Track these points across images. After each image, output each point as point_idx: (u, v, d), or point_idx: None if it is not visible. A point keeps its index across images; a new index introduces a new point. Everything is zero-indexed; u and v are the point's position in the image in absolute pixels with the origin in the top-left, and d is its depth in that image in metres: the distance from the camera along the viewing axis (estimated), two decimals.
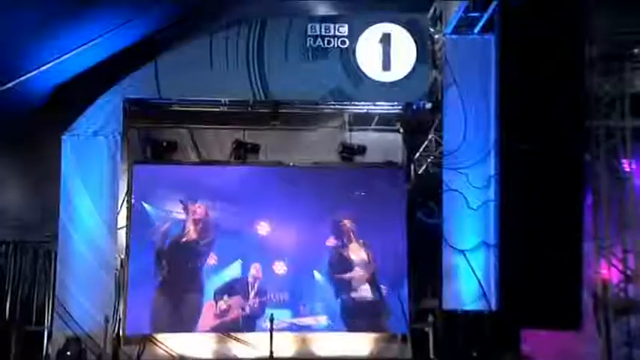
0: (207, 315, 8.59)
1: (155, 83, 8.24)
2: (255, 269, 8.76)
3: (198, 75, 8.34)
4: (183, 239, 8.73)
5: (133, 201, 8.60)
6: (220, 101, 8.81)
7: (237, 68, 8.35)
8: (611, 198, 8.25)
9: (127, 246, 8.52)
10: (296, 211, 9.17)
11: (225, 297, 8.66)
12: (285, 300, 8.90)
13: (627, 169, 8.41)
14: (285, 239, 9.07)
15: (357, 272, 9.05)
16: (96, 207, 8.10)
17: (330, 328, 9.04)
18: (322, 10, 9.18)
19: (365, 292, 9.16)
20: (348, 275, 9.02)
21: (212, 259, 8.72)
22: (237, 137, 9.06)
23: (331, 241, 9.21)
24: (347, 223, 9.14)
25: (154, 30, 7.97)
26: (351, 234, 9.15)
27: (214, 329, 8.73)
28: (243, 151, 8.98)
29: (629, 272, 8.12)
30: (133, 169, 8.62)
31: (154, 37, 8.07)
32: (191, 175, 9.04)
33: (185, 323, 8.71)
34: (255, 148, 9.04)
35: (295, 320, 8.84)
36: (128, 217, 8.55)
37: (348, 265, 9.06)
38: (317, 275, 8.93)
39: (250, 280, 8.79)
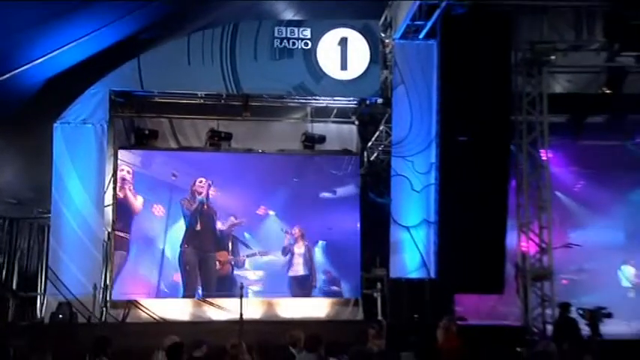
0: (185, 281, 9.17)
1: (138, 77, 8.72)
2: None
3: (176, 70, 8.83)
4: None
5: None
6: (197, 94, 9.31)
7: (212, 65, 8.86)
8: (530, 183, 8.88)
9: (114, 221, 8.90)
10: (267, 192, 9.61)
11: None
12: (255, 269, 9.46)
13: (544, 158, 9.07)
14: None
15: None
16: (84, 187, 8.59)
17: (292, 294, 9.60)
18: (288, 15, 9.76)
19: (321, 261, 9.74)
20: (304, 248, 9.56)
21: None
22: (211, 126, 9.42)
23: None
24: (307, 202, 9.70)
25: (138, 30, 8.45)
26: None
27: (191, 295, 9.23)
28: (218, 139, 9.35)
29: (543, 245, 8.79)
30: (118, 154, 9.01)
31: (137, 37, 8.56)
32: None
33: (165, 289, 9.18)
34: (228, 137, 9.39)
35: (263, 288, 9.41)
36: (114, 196, 8.95)
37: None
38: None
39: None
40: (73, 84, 8.56)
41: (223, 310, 9.23)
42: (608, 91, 9.24)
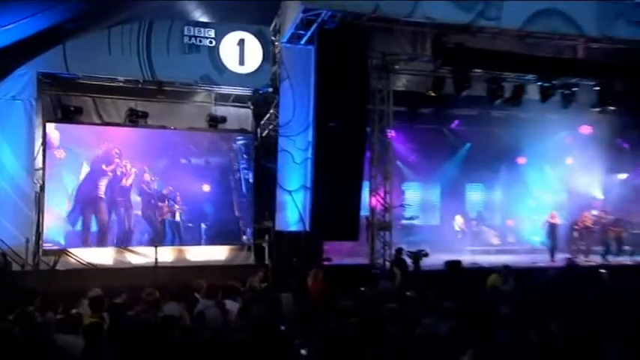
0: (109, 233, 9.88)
1: (63, 61, 9.19)
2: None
3: (98, 58, 9.35)
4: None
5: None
6: (117, 78, 9.81)
7: (130, 56, 9.46)
8: (380, 156, 10.42)
9: (43, 182, 9.36)
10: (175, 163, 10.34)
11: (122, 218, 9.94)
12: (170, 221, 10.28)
13: (389, 138, 10.69)
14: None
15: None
16: (15, 155, 9.05)
17: (198, 242, 10.47)
18: (196, 15, 10.46)
19: (223, 215, 10.60)
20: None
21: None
22: (130, 106, 9.97)
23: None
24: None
25: (62, 21, 8.61)
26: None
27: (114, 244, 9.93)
28: (136, 117, 9.95)
29: (387, 204, 10.43)
30: (46, 127, 9.51)
31: (62, 26, 8.71)
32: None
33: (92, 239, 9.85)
34: (144, 115, 10.00)
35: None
36: (43, 162, 9.44)
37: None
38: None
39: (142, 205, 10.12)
40: (3, 65, 8.69)
41: (142, 256, 9.82)
42: (433, 93, 10.87)
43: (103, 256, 9.89)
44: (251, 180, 10.77)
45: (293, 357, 4.25)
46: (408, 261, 9.86)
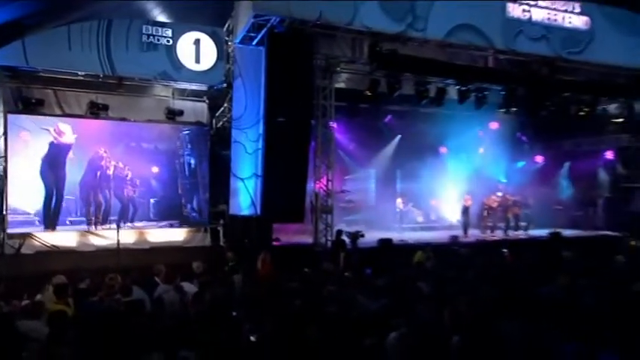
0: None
1: (23, 55, 8.55)
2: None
3: (58, 53, 8.79)
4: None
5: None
6: (77, 72, 9.23)
7: (90, 52, 8.93)
8: (323, 146, 10.41)
9: (5, 168, 8.77)
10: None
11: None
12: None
13: (332, 129, 10.65)
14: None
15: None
16: None
17: (148, 217, 10.00)
18: (154, 16, 10.01)
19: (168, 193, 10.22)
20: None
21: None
22: (91, 99, 9.43)
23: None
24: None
25: (21, 16, 7.95)
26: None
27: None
28: (96, 109, 9.43)
29: (329, 190, 10.47)
30: (7, 117, 8.83)
31: (21, 21, 8.07)
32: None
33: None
34: (105, 107, 9.50)
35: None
36: (5, 150, 8.79)
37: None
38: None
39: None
40: None
41: (104, 238, 9.41)
42: (369, 93, 10.99)
43: (66, 238, 9.35)
44: (193, 165, 10.47)
45: (243, 343, 4.05)
46: (347, 241, 10.02)
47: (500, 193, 15.25)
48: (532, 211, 14.78)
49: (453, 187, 16.30)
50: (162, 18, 10.00)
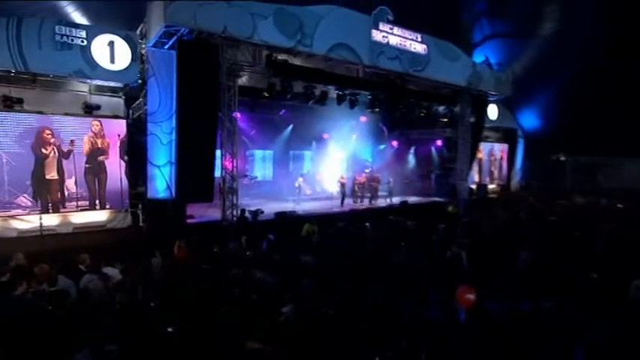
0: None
1: None
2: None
3: None
4: None
5: None
6: None
7: (1, 48, 7.83)
8: (229, 134, 10.21)
9: None
10: None
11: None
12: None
13: (236, 119, 10.66)
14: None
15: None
16: None
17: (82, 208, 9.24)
18: (69, 10, 9.28)
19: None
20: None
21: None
22: (4, 92, 8.42)
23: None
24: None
25: None
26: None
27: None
28: (10, 102, 8.45)
29: (234, 173, 10.37)
30: None
31: None
32: None
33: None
34: (19, 101, 8.48)
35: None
36: None
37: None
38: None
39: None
40: None
41: (27, 222, 8.60)
42: (266, 94, 11.44)
43: None
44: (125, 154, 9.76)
45: (162, 335, 3.65)
46: (249, 217, 10.39)
47: (367, 170, 16.92)
48: (392, 183, 16.38)
49: (333, 165, 17.75)
50: (76, 17, 9.25)
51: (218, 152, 10.23)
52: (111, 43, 9.10)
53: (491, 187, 19.01)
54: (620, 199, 14.34)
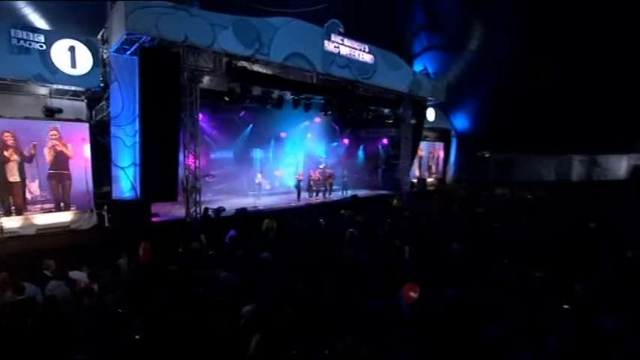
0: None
1: None
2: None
3: None
4: None
5: None
6: None
7: None
8: (192, 135, 10.00)
9: None
10: None
11: None
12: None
13: (198, 120, 10.31)
14: None
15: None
16: None
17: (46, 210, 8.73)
18: (27, 11, 8.58)
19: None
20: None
21: None
22: None
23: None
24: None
25: None
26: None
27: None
28: None
29: (197, 173, 10.07)
30: None
31: None
32: None
33: None
34: None
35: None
36: None
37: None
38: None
39: None
40: None
41: None
42: (227, 98, 11.39)
43: None
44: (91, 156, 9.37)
45: (129, 341, 3.46)
46: (212, 215, 10.19)
47: (322, 166, 17.36)
48: (346, 178, 16.84)
49: (290, 161, 17.96)
50: (34, 19, 8.65)
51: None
52: (72, 48, 8.66)
53: (429, 180, 20.08)
54: (527, 190, 15.93)
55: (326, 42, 12.45)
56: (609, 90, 15.47)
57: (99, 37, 9.29)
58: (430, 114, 18.49)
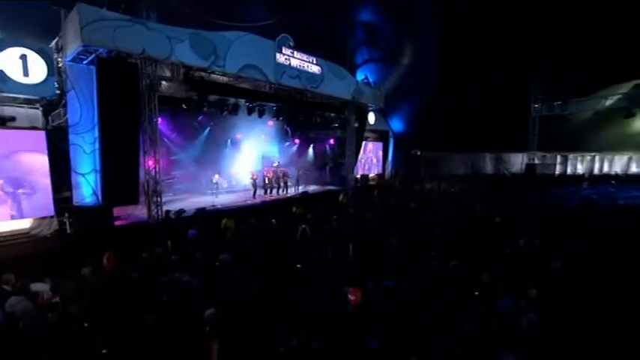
0: None
1: None
2: None
3: None
4: None
5: None
6: None
7: None
8: (152, 139, 9.70)
9: None
10: None
11: None
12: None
13: (157, 125, 10.06)
14: None
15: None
16: None
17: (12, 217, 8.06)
18: None
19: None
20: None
21: None
22: None
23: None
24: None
25: None
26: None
27: None
28: None
29: (157, 177, 9.86)
30: None
31: None
32: None
33: None
34: None
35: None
36: None
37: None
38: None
39: None
40: None
41: None
42: (184, 106, 11.22)
43: None
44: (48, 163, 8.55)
45: (96, 356, 3.23)
46: (173, 217, 9.77)
47: (275, 164, 17.55)
48: (299, 175, 17.13)
49: (245, 160, 17.91)
50: None
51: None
52: (23, 57, 8.02)
53: (371, 176, 21.10)
54: (451, 184, 17.49)
55: (278, 54, 12.66)
56: (510, 100, 17.51)
57: (52, 45, 8.72)
58: (371, 118, 19.30)
